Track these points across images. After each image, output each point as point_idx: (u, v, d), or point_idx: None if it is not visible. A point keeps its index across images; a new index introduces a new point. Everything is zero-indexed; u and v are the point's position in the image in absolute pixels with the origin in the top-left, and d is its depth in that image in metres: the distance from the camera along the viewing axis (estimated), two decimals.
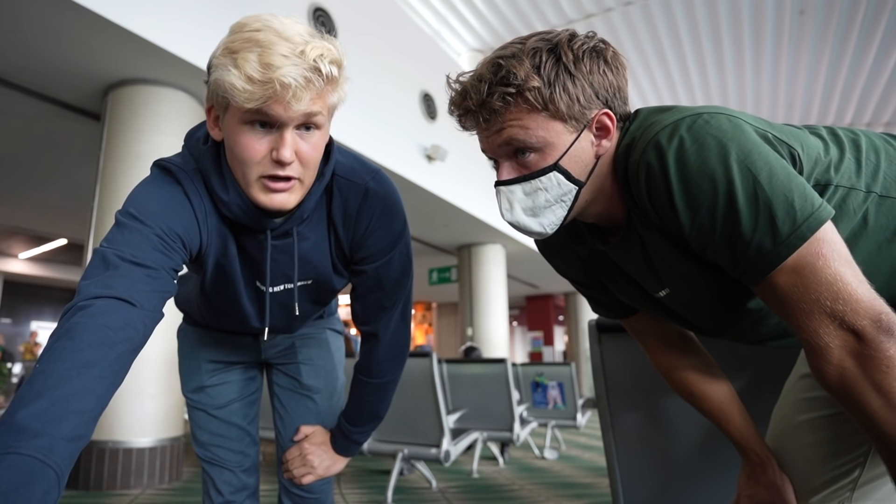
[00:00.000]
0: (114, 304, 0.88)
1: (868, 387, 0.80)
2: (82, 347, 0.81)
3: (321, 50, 0.98)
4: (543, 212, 1.01)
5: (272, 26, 0.98)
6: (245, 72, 0.93)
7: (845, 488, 1.04)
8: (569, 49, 0.96)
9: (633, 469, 1.66)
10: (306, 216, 1.18)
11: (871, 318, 0.79)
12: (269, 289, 1.25)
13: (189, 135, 1.18)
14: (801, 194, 0.84)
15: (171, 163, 1.13)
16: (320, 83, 0.99)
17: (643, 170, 0.93)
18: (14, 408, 0.73)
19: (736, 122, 0.90)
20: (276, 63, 0.93)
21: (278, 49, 0.94)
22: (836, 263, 0.82)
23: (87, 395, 0.78)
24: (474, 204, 8.44)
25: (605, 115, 1.00)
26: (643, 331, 1.28)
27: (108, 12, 3.76)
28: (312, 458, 1.40)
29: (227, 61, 0.96)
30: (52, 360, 0.79)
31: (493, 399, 5.02)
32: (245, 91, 0.94)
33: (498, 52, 1.00)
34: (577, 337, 16.11)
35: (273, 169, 1.02)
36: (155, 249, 0.99)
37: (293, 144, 1.01)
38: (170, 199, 1.08)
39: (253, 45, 0.95)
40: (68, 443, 0.74)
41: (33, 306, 16.69)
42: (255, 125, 1.00)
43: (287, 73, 0.93)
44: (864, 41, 9.60)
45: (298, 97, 0.96)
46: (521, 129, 0.97)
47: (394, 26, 7.37)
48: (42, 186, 7.43)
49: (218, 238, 1.16)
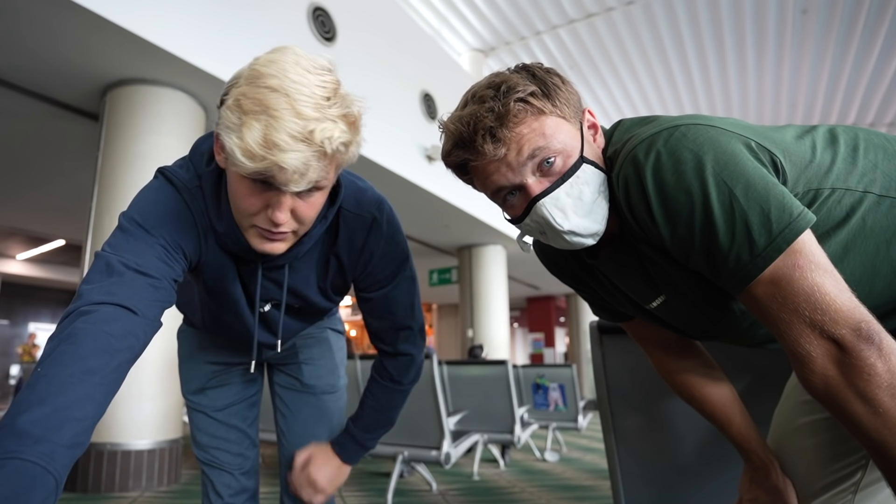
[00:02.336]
0: (116, 312, 0.88)
1: (852, 395, 0.80)
2: (84, 354, 0.81)
3: (333, 132, 0.92)
4: (593, 207, 0.99)
5: (286, 88, 0.90)
6: (247, 145, 0.88)
7: (847, 491, 1.03)
8: (536, 69, 1.02)
9: (635, 471, 1.65)
10: (301, 255, 1.19)
11: (851, 327, 0.79)
12: (259, 310, 1.28)
13: (196, 146, 1.16)
14: (779, 204, 0.84)
15: (176, 177, 1.11)
16: (322, 163, 0.94)
17: (622, 184, 0.95)
18: (15, 412, 0.73)
19: (714, 133, 0.90)
20: (280, 144, 0.88)
21: (286, 126, 0.88)
22: (813, 274, 0.82)
23: (88, 403, 0.78)
24: (475, 205, 8.43)
25: (588, 112, 1.06)
26: (644, 334, 1.27)
27: (106, 12, 3.74)
28: (318, 478, 1.38)
29: (234, 121, 0.90)
30: (54, 364, 0.79)
31: (494, 401, 5.01)
32: (243, 163, 0.89)
33: (482, 84, 1.01)
34: (579, 338, 16.10)
35: (267, 224, 1.00)
36: (158, 259, 1.00)
37: (290, 206, 0.98)
38: (174, 211, 1.07)
39: (261, 112, 0.89)
40: (68, 450, 0.74)
41: (31, 308, 16.68)
42: (256, 182, 0.95)
43: (288, 159, 0.88)
44: (868, 40, 9.60)
45: (297, 180, 0.92)
46: (540, 138, 0.96)
47: (394, 26, 7.36)
48: (40, 187, 7.43)
49: (216, 257, 1.16)
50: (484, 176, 1.02)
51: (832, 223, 0.92)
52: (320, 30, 5.69)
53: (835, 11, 8.93)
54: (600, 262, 1.11)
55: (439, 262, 11.67)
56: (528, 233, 1.08)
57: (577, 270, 1.22)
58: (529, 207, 1.00)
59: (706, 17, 9.30)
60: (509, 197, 1.02)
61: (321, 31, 5.70)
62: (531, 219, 1.01)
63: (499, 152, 0.96)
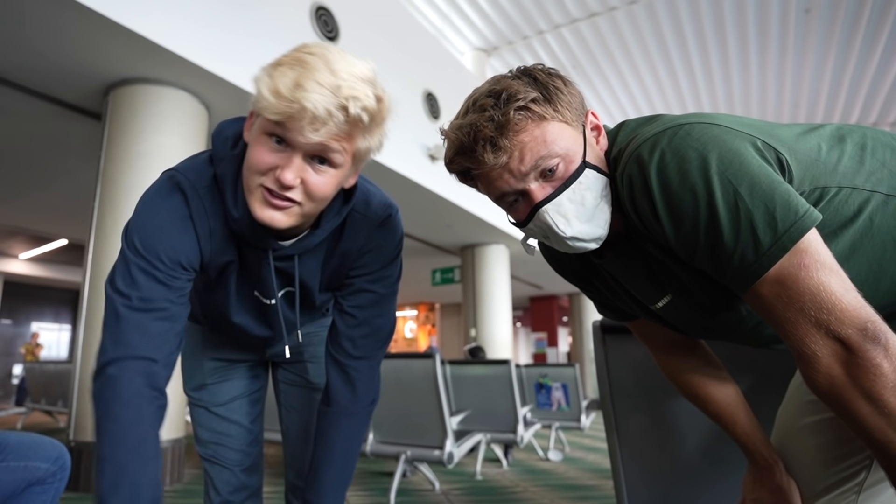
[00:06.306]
0: (136, 367, 1.00)
1: (857, 394, 0.80)
2: (127, 430, 0.97)
3: (359, 93, 0.97)
4: (596, 212, 0.99)
5: (327, 55, 0.98)
6: (275, 84, 0.94)
7: (851, 491, 1.03)
8: (538, 73, 1.01)
9: (638, 471, 1.65)
10: (312, 247, 1.20)
11: (857, 327, 0.79)
12: (266, 301, 1.28)
13: (219, 131, 1.16)
14: (784, 203, 0.84)
15: (183, 177, 1.11)
16: (341, 120, 0.97)
17: (626, 183, 0.95)
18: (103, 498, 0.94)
19: (718, 132, 0.90)
20: (306, 87, 0.93)
21: (317, 76, 0.94)
22: (818, 273, 0.82)
23: (150, 471, 0.98)
24: (478, 204, 8.41)
25: (591, 114, 1.05)
26: (649, 334, 1.27)
27: (109, 11, 3.74)
28: None
29: (269, 70, 0.98)
30: (111, 446, 0.96)
31: (497, 400, 5.00)
32: (268, 101, 0.95)
33: (483, 91, 1.01)
34: (581, 338, 16.09)
35: (273, 184, 1.01)
36: (160, 284, 1.05)
37: (299, 171, 1.00)
38: (171, 222, 1.09)
39: (297, 65, 0.96)
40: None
41: (34, 307, 16.65)
42: (273, 138, 0.99)
43: (312, 98, 0.93)
44: (871, 40, 9.58)
45: (315, 126, 0.95)
46: (542, 145, 0.96)
47: (397, 25, 7.36)
48: (42, 186, 7.44)
49: (219, 255, 1.17)
50: (487, 182, 1.02)
51: (839, 222, 0.92)
52: (323, 29, 5.69)
53: (838, 10, 8.91)
54: (606, 261, 1.11)
55: (442, 262, 11.66)
56: (532, 236, 1.08)
57: (583, 270, 1.22)
58: (532, 213, 1.00)
59: (709, 16, 9.29)
60: (513, 202, 1.03)
61: (324, 30, 5.70)
62: (534, 224, 1.01)
63: (500, 161, 0.97)
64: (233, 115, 1.20)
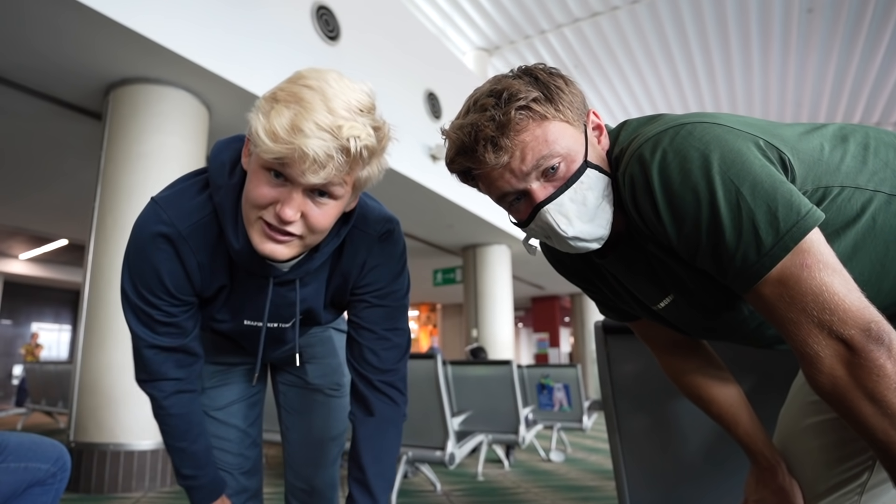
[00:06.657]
0: (165, 386, 1.21)
1: (860, 395, 0.79)
2: (177, 425, 1.24)
3: (360, 132, 0.95)
4: (598, 212, 0.99)
5: (325, 90, 0.94)
6: (272, 126, 0.91)
7: (853, 492, 1.03)
8: (539, 72, 1.01)
9: (640, 472, 1.65)
10: (312, 270, 1.19)
11: (860, 328, 0.79)
12: (266, 325, 1.28)
13: (215, 154, 1.14)
14: (786, 203, 0.83)
15: (164, 226, 1.08)
16: (342, 161, 0.95)
17: (628, 183, 0.95)
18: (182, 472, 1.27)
19: (720, 131, 0.89)
20: (305, 130, 0.90)
21: (315, 116, 0.91)
22: (821, 273, 0.81)
23: (200, 445, 1.27)
24: (479, 204, 8.40)
25: (593, 113, 1.05)
26: (651, 334, 1.27)
27: (110, 11, 3.74)
28: None
29: (266, 108, 0.95)
30: (181, 438, 1.24)
31: (499, 401, 5.00)
32: (265, 145, 0.92)
33: (484, 91, 1.00)
34: (583, 338, 16.07)
35: (273, 219, 0.99)
36: (162, 324, 1.15)
37: (299, 206, 0.98)
38: (157, 264, 1.10)
39: (294, 102, 0.93)
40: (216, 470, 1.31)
41: (34, 308, 16.66)
42: (272, 173, 0.97)
43: (311, 144, 0.90)
44: (873, 39, 9.57)
45: (315, 170, 0.93)
46: (543, 145, 0.96)
47: (398, 25, 7.35)
48: (43, 186, 7.44)
49: (210, 284, 1.17)
50: (488, 182, 1.02)
51: (841, 222, 0.91)
52: (324, 29, 5.69)
53: (840, 10, 8.89)
54: (608, 262, 1.10)
55: (443, 262, 11.66)
56: (534, 236, 1.08)
57: (585, 270, 1.22)
58: (534, 213, 0.99)
59: (711, 16, 9.28)
60: (514, 202, 1.02)
61: (325, 30, 5.70)
62: (536, 224, 1.01)
63: (501, 160, 0.96)
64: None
